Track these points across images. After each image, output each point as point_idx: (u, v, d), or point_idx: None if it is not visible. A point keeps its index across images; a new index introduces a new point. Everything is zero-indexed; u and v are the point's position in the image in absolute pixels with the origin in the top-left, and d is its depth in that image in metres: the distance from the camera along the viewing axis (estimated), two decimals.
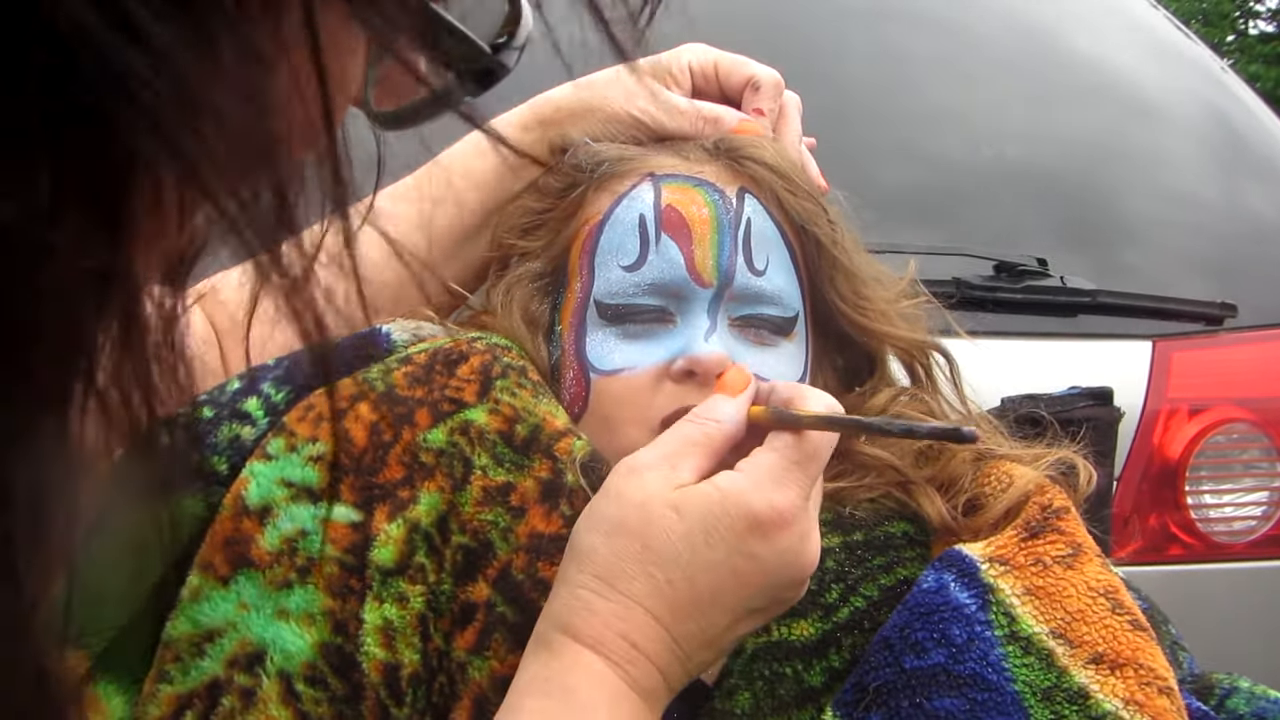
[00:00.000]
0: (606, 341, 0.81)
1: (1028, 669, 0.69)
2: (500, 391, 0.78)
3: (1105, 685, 0.68)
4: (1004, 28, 1.83)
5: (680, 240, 0.81)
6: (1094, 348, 1.47)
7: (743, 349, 0.81)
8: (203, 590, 0.71)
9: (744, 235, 0.82)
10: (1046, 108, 1.71)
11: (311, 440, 0.75)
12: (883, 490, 0.82)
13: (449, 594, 0.73)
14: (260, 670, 0.68)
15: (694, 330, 0.80)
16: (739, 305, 0.81)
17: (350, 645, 0.70)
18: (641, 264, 0.81)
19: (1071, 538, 0.74)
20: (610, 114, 0.88)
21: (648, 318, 0.81)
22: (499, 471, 0.75)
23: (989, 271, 1.45)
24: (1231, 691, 0.83)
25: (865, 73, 1.67)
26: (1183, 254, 1.60)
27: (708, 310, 0.80)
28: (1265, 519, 1.46)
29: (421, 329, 0.86)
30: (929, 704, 0.68)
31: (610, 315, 0.81)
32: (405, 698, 0.70)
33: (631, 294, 0.81)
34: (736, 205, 0.82)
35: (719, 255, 0.81)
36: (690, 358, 0.78)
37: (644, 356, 0.80)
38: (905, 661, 0.70)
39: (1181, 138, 1.75)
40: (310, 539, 0.72)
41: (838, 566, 0.78)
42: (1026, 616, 0.70)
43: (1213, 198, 1.68)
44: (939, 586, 0.72)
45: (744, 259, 0.81)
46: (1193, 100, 1.80)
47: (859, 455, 0.83)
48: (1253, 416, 1.45)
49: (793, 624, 0.75)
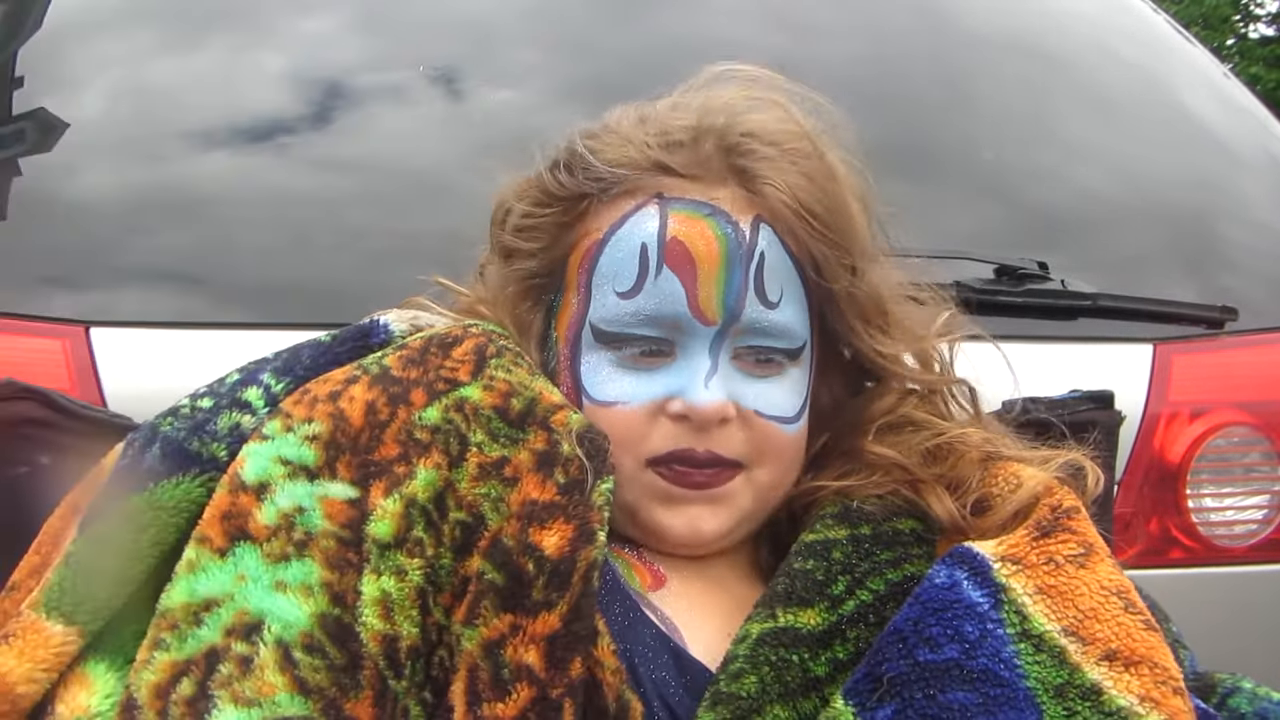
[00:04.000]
0: (601, 368, 0.81)
1: (1039, 666, 0.69)
2: (495, 369, 0.79)
3: (1119, 682, 0.68)
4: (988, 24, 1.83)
5: (684, 276, 0.79)
6: (1095, 351, 1.47)
7: (744, 384, 0.81)
8: (199, 562, 0.72)
9: (756, 269, 0.80)
10: (1047, 109, 1.71)
11: (307, 420, 0.76)
12: (891, 488, 0.82)
13: (448, 568, 0.73)
14: (258, 639, 0.68)
15: (693, 371, 0.79)
16: (746, 337, 0.81)
17: (348, 616, 0.70)
18: (637, 293, 0.79)
19: (1083, 537, 0.75)
20: None
21: (645, 348, 0.80)
22: (494, 447, 0.76)
23: (989, 275, 1.45)
24: (1234, 691, 0.84)
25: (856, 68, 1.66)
26: (1184, 256, 1.60)
27: (709, 349, 0.80)
28: (1266, 522, 1.46)
29: (419, 318, 0.87)
30: (942, 696, 0.69)
31: (607, 341, 0.81)
32: (404, 670, 0.70)
33: (628, 323, 0.80)
34: (750, 237, 0.80)
35: (725, 292, 0.79)
36: (688, 405, 0.78)
37: (639, 390, 0.80)
38: (919, 654, 0.70)
39: (1182, 139, 1.74)
40: (307, 515, 0.72)
41: (844, 559, 0.78)
42: (1038, 615, 0.71)
43: (1214, 200, 1.68)
44: (952, 583, 0.73)
45: (755, 291, 0.80)
46: (1193, 101, 1.80)
47: (867, 454, 0.84)
48: (1254, 420, 1.45)
49: (800, 612, 0.75)
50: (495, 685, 0.69)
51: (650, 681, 0.74)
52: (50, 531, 0.78)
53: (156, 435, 0.78)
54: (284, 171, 1.43)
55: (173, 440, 0.77)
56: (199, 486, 0.75)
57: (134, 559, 0.73)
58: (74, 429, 0.89)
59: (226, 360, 0.88)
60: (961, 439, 0.83)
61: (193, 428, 0.78)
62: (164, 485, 0.75)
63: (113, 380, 1.17)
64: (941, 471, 0.82)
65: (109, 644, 0.72)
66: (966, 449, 0.83)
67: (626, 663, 0.74)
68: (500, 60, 1.57)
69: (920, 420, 0.86)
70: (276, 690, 0.67)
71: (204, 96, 1.45)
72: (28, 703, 0.70)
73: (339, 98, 1.50)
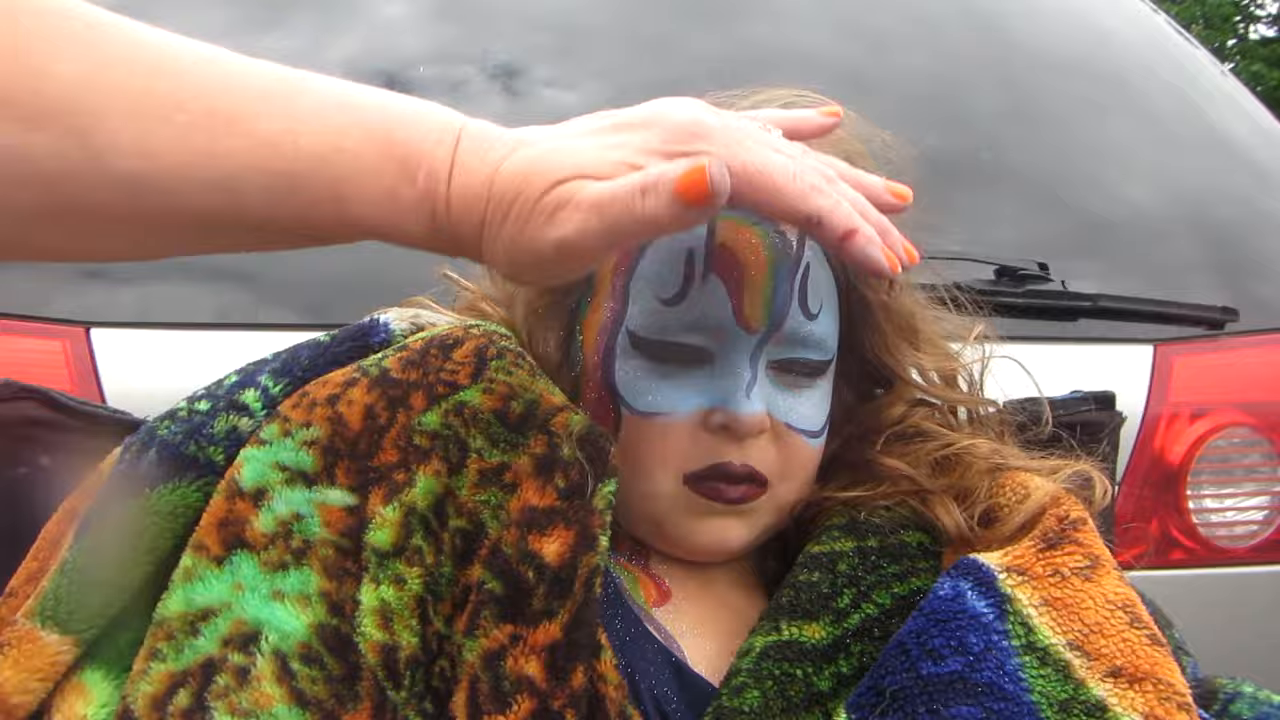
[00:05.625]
0: (639, 377, 0.79)
1: (1044, 680, 0.68)
2: (495, 371, 0.78)
3: (1124, 699, 0.67)
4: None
5: (730, 284, 0.77)
6: (1095, 351, 1.47)
7: (777, 396, 0.80)
8: (195, 570, 0.71)
9: (801, 279, 0.79)
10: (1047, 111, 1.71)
11: (305, 425, 0.75)
12: (898, 500, 0.82)
13: (449, 577, 0.72)
14: (255, 649, 0.68)
15: (735, 380, 0.78)
16: (782, 349, 0.80)
17: (346, 626, 0.69)
18: (681, 300, 0.78)
19: (1089, 549, 0.74)
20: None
21: (685, 357, 0.79)
22: (494, 453, 0.75)
23: (990, 276, 1.45)
24: (1235, 696, 0.83)
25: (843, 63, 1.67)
26: (1184, 257, 1.60)
27: (750, 357, 0.78)
28: (1267, 523, 1.46)
29: (419, 317, 0.86)
30: (945, 711, 0.68)
31: (646, 350, 0.79)
32: (403, 680, 0.69)
33: (672, 331, 0.78)
34: (798, 248, 0.79)
35: (771, 300, 0.78)
36: (731, 416, 0.77)
37: (681, 401, 0.78)
38: (921, 668, 0.69)
39: (1182, 140, 1.74)
40: (305, 522, 0.71)
41: (851, 570, 0.77)
42: (1044, 627, 0.70)
43: (1214, 200, 1.68)
44: (956, 594, 0.72)
45: (798, 302, 0.79)
46: (1194, 103, 1.80)
47: (875, 465, 0.83)
48: (1254, 421, 1.45)
49: (804, 626, 0.75)
50: (495, 697, 0.67)
51: (651, 697, 0.73)
52: (48, 537, 0.77)
53: (153, 439, 0.76)
54: None
55: (169, 444, 0.75)
56: (195, 491, 0.74)
57: (130, 566, 0.72)
58: (76, 427, 0.88)
59: (227, 361, 0.87)
60: (970, 450, 0.83)
61: (189, 431, 0.76)
62: (160, 490, 0.73)
63: (113, 380, 1.16)
64: (950, 482, 0.82)
65: (106, 652, 0.71)
66: (975, 459, 0.82)
67: (627, 678, 0.73)
68: (574, 58, 1.56)
69: (929, 430, 0.85)
70: (274, 702, 0.66)
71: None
72: (23, 712, 0.69)
73: (398, 86, 1.50)
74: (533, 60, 1.54)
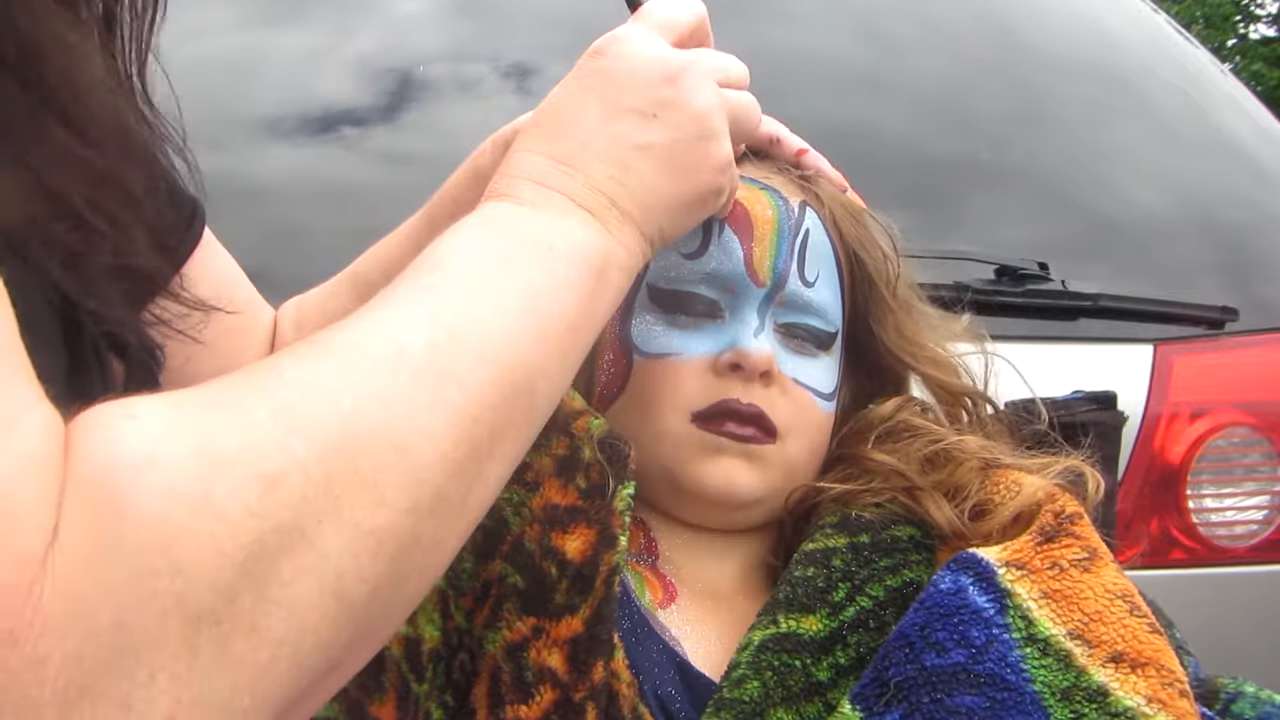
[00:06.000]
0: (654, 327, 0.82)
1: (1046, 670, 0.69)
2: None
3: (1125, 683, 0.68)
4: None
5: (741, 235, 0.81)
6: (1095, 351, 1.47)
7: (787, 355, 0.82)
8: None
9: (801, 243, 0.83)
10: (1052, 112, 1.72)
11: None
12: (889, 495, 0.82)
13: (469, 572, 0.74)
14: None
15: (743, 326, 0.81)
16: (786, 311, 0.83)
17: None
18: (702, 253, 0.81)
19: (1087, 542, 0.75)
20: None
21: (699, 309, 0.82)
22: None
23: (990, 275, 1.46)
24: (1237, 696, 0.83)
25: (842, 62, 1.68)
26: (1184, 257, 1.60)
27: (758, 310, 0.82)
28: (1267, 523, 1.46)
29: None
30: (949, 700, 0.69)
31: (663, 301, 0.82)
32: (425, 673, 0.71)
33: (690, 281, 0.82)
34: (798, 214, 0.84)
35: (776, 257, 0.82)
36: (739, 351, 0.79)
37: (693, 345, 0.81)
38: (925, 659, 0.71)
39: (1181, 141, 1.75)
40: None
41: (844, 566, 0.78)
42: (1044, 619, 0.71)
43: (1214, 200, 1.68)
44: (957, 589, 0.73)
45: (797, 266, 0.83)
46: (1194, 103, 1.81)
47: (866, 461, 0.84)
48: (1254, 420, 1.46)
49: (801, 619, 0.76)
50: (518, 687, 0.69)
51: (655, 697, 0.74)
52: None
53: None
54: (347, 163, 1.43)
55: None
56: None
57: None
58: None
59: None
60: (959, 446, 0.84)
61: None
62: None
63: None
64: (940, 478, 0.82)
65: None
66: (965, 456, 0.83)
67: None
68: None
69: (918, 426, 0.86)
70: None
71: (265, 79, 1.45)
72: None
73: (411, 87, 1.50)
74: (545, 59, 1.54)
